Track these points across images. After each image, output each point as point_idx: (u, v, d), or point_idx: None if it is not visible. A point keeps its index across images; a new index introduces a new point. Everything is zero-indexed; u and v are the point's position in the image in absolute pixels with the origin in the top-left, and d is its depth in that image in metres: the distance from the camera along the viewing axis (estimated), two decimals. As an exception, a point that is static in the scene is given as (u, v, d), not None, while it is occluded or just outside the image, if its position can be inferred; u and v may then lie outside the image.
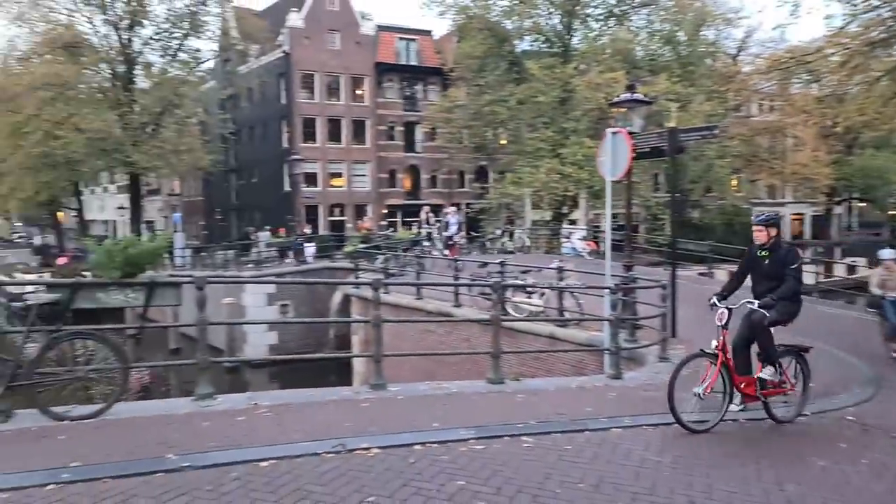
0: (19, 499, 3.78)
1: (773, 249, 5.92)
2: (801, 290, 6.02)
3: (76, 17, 33.79)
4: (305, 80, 42.60)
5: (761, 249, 5.97)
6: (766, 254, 5.93)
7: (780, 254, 5.89)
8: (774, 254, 5.90)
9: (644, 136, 11.25)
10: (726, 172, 37.16)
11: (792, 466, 4.88)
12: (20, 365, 5.32)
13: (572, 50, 33.50)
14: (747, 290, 6.16)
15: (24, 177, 35.69)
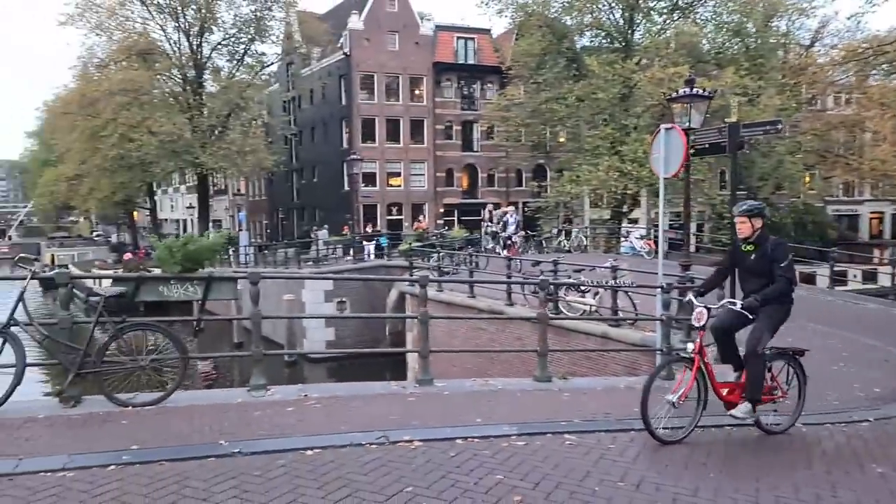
0: (83, 477, 4.02)
1: (759, 243, 5.34)
2: (792, 290, 5.37)
3: (150, 25, 35.46)
4: (365, 81, 43.25)
5: (746, 243, 5.41)
6: (751, 248, 5.37)
7: (766, 248, 5.30)
8: (760, 248, 5.32)
9: (703, 131, 11.00)
10: (798, 169, 35.71)
11: (850, 473, 4.70)
12: (89, 353, 5.65)
13: (634, 45, 32.85)
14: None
15: (102, 178, 37.67)
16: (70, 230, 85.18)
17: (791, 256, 5.31)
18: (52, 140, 47.07)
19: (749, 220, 5.33)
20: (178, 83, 36.56)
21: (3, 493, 3.77)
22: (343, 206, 38.02)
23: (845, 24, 37.22)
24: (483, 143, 45.83)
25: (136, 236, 54.59)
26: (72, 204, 56.81)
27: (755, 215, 5.35)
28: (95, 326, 5.76)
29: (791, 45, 37.84)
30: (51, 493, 3.77)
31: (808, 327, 11.82)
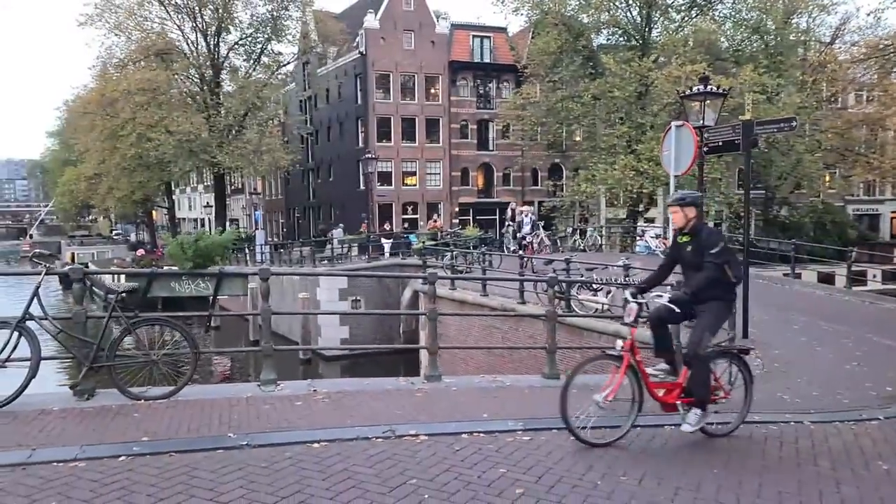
0: (94, 467, 4.12)
1: (694, 234, 5.08)
2: (735, 282, 5.08)
3: (168, 25, 35.80)
4: (381, 80, 43.37)
5: (682, 234, 5.17)
6: (687, 239, 5.12)
7: (700, 238, 5.03)
8: (695, 238, 5.06)
9: (717, 129, 10.93)
10: (818, 168, 35.31)
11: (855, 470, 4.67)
12: (102, 348, 5.76)
13: (651, 43, 32.66)
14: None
15: (121, 177, 38.15)
16: (90, 229, 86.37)
17: (724, 245, 4.99)
18: (73, 139, 47.73)
19: (681, 209, 5.10)
20: (195, 83, 36.90)
21: (17, 481, 3.86)
22: (359, 205, 38.19)
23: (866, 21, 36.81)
24: (499, 143, 45.79)
25: (154, 235, 55.22)
26: (91, 203, 57.61)
27: (688, 204, 5.11)
28: (109, 321, 5.87)
29: (811, 43, 37.40)
30: (63, 483, 3.86)
31: (822, 326, 11.74)
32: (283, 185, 55.50)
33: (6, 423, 5.00)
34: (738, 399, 5.32)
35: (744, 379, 5.34)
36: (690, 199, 5.14)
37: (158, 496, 3.72)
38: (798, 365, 8.76)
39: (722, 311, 5.15)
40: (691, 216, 5.09)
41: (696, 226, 5.11)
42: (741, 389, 5.34)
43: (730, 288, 5.11)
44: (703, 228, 5.13)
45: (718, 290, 5.03)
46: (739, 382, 5.35)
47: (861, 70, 36.09)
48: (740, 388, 5.34)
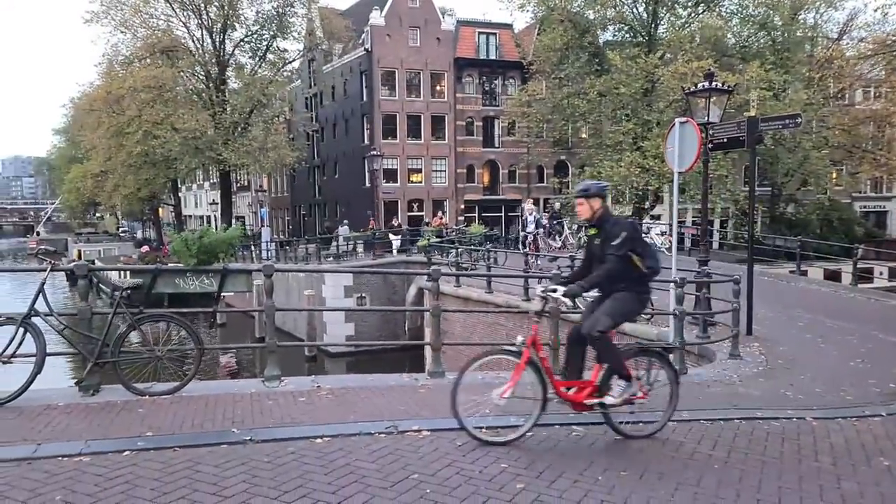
0: (99, 462, 4.15)
1: (600, 225, 4.93)
2: (649, 273, 4.91)
3: (173, 22, 35.88)
4: (386, 77, 43.39)
5: (589, 226, 5.02)
6: (594, 231, 4.98)
7: (605, 229, 4.87)
8: (601, 230, 4.91)
9: (721, 125, 10.91)
10: (824, 164, 35.14)
11: (856, 465, 4.67)
12: (107, 344, 5.81)
13: (657, 39, 32.53)
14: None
15: (127, 174, 38.27)
16: (97, 226, 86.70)
17: (628, 236, 4.77)
18: (79, 137, 47.91)
19: (587, 201, 4.94)
20: (201, 80, 36.98)
21: (22, 476, 3.90)
22: (364, 203, 38.27)
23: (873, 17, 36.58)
24: (504, 140, 45.76)
25: (160, 232, 55.42)
26: (98, 200, 57.81)
27: (592, 195, 4.94)
28: (113, 317, 5.91)
29: (818, 39, 37.20)
30: (67, 477, 3.89)
31: (827, 323, 11.72)
32: (289, 183, 55.61)
33: (12, 419, 5.05)
34: (662, 399, 5.14)
35: (669, 379, 5.16)
36: (595, 189, 4.98)
37: (162, 490, 3.75)
38: (802, 362, 8.75)
39: (629, 301, 4.91)
40: (596, 207, 4.94)
41: (601, 217, 4.95)
42: (666, 389, 5.15)
43: (640, 280, 4.92)
44: (608, 220, 4.96)
45: (626, 282, 4.85)
46: (664, 382, 5.15)
47: (868, 66, 35.92)
48: (665, 388, 5.15)
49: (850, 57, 35.85)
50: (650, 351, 5.22)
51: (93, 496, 3.64)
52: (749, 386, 7.37)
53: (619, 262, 4.76)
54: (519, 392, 4.66)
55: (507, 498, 3.80)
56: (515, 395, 4.64)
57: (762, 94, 26.39)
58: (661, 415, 5.16)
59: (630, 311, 4.98)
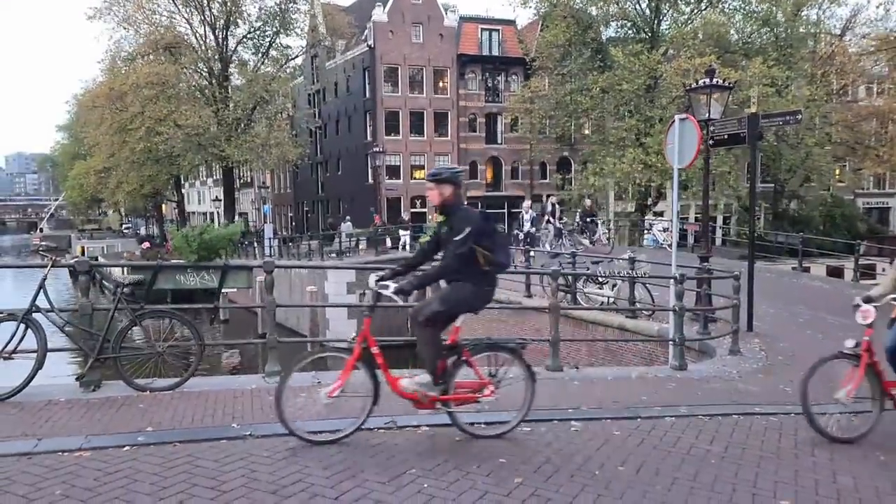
0: (99, 457, 4.18)
1: (449, 213, 4.61)
2: (494, 269, 4.64)
3: (176, 18, 35.95)
4: (389, 73, 43.38)
5: (439, 214, 4.70)
6: (443, 219, 4.66)
7: (453, 220, 4.57)
8: (450, 219, 4.59)
9: (722, 122, 10.91)
10: (827, 161, 35.08)
11: (852, 460, 4.68)
12: (108, 339, 5.83)
13: (660, 35, 32.50)
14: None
15: (130, 171, 38.37)
16: (100, 223, 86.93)
17: (472, 230, 4.46)
18: (82, 133, 48.03)
19: (437, 186, 4.60)
20: (204, 77, 37.04)
21: (22, 470, 3.93)
22: (367, 199, 38.32)
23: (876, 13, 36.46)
24: (507, 136, 45.72)
25: (164, 229, 55.57)
26: (101, 197, 57.97)
27: (443, 181, 4.61)
28: (114, 313, 5.94)
29: (821, 35, 37.08)
30: (67, 472, 3.92)
31: (828, 320, 11.72)
32: (292, 179, 55.66)
33: (13, 414, 5.08)
34: (515, 398, 4.88)
35: (523, 375, 4.88)
36: (447, 175, 4.65)
37: (161, 485, 3.77)
38: (802, 358, 8.73)
39: (467, 292, 4.61)
40: (447, 194, 4.61)
41: (451, 205, 4.63)
42: (521, 386, 4.88)
43: (485, 276, 4.64)
44: (458, 210, 4.63)
45: (468, 275, 4.59)
46: (517, 379, 4.87)
47: (871, 62, 35.86)
48: (520, 384, 4.88)
49: (852, 53, 35.78)
50: (500, 347, 4.94)
51: (92, 490, 3.67)
52: (748, 382, 7.38)
53: (459, 259, 4.50)
54: (350, 390, 4.51)
55: (503, 493, 3.82)
56: (346, 393, 4.49)
57: (765, 91, 26.34)
58: (515, 414, 4.89)
59: (465, 303, 4.63)
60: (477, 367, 4.75)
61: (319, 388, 4.57)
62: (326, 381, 4.67)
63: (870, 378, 5.07)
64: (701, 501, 3.81)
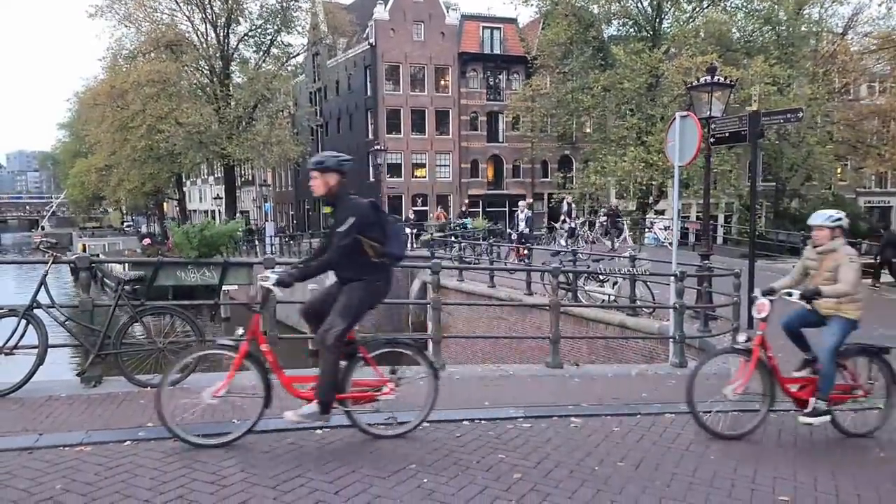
0: (100, 452, 4.20)
1: (335, 204, 4.42)
2: (385, 261, 4.45)
3: (177, 16, 35.92)
4: (390, 71, 43.36)
5: (325, 205, 4.52)
6: (329, 210, 4.47)
7: (339, 211, 4.39)
8: (336, 210, 4.42)
9: (723, 120, 10.91)
10: (829, 159, 35.01)
11: (852, 456, 4.68)
12: (108, 336, 5.84)
13: (662, 34, 32.44)
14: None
15: (131, 168, 38.37)
16: (101, 221, 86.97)
17: (357, 221, 4.30)
18: (83, 131, 48.05)
19: (321, 175, 4.40)
20: (205, 74, 37.01)
21: (23, 465, 3.94)
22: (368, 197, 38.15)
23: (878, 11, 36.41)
24: (508, 134, 45.68)
25: (165, 227, 55.61)
26: (102, 195, 58.00)
27: (328, 170, 4.40)
28: (115, 309, 5.95)
29: (823, 34, 37.01)
30: (68, 466, 3.93)
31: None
32: (293, 177, 55.63)
33: (14, 409, 5.09)
34: (420, 396, 4.76)
35: (426, 372, 4.74)
36: (331, 163, 4.43)
37: (161, 479, 3.78)
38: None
39: (361, 292, 4.41)
40: (332, 183, 4.41)
41: (336, 195, 4.43)
42: (424, 381, 4.75)
43: (375, 267, 4.44)
44: (343, 200, 4.43)
45: (357, 270, 4.42)
46: (421, 378, 4.74)
47: (873, 61, 35.78)
48: (422, 384, 4.76)
49: (854, 52, 35.69)
50: (401, 343, 4.76)
51: (93, 485, 3.68)
52: (749, 379, 7.36)
53: (341, 251, 4.34)
54: (237, 390, 4.37)
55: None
56: (232, 393, 4.34)
57: (766, 90, 26.31)
58: (417, 413, 4.75)
59: (363, 304, 4.45)
60: (375, 366, 4.59)
61: (205, 388, 4.33)
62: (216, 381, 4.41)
63: (761, 373, 5.02)
64: (700, 497, 3.82)
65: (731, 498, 3.84)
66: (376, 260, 4.44)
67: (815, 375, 5.14)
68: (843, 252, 5.08)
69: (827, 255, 5.15)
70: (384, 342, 4.70)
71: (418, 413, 4.76)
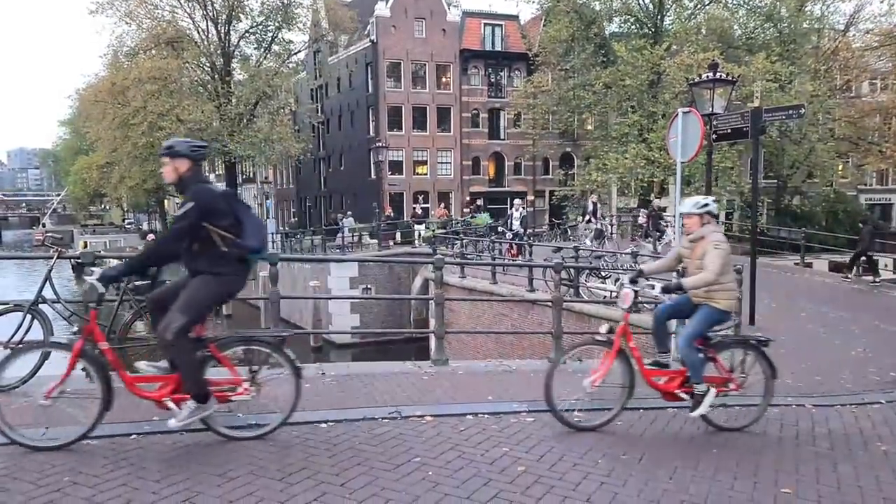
0: (106, 445, 4.23)
1: (185, 191, 4.17)
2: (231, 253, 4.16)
3: (178, 13, 35.82)
4: (392, 68, 43.33)
5: (178, 192, 4.28)
6: (181, 199, 4.21)
7: (184, 197, 4.13)
8: (183, 197, 4.15)
9: (725, 116, 10.92)
10: (830, 157, 35.00)
11: (853, 450, 4.71)
12: (113, 331, 5.87)
13: (663, 31, 32.41)
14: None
15: (132, 166, 38.37)
16: (102, 218, 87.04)
17: (192, 207, 4.02)
18: (84, 128, 48.06)
19: (171, 161, 4.16)
20: (206, 71, 36.96)
21: (29, 458, 3.96)
22: (370, 195, 38.32)
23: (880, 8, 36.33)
24: (510, 132, 45.69)
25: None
26: (103, 192, 58.05)
27: (177, 155, 4.15)
28: (119, 305, 5.98)
29: (825, 30, 36.97)
30: (75, 460, 3.96)
31: (829, 314, 11.75)
32: (295, 175, 55.68)
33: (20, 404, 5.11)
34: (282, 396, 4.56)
35: (286, 373, 4.49)
36: (182, 148, 4.18)
37: (168, 472, 3.81)
38: (803, 351, 8.79)
39: (209, 288, 4.18)
40: (182, 170, 4.17)
41: (185, 182, 4.18)
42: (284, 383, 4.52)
43: (227, 261, 4.18)
44: (191, 186, 4.15)
45: (208, 263, 4.16)
46: (280, 377, 4.54)
47: (875, 58, 35.76)
48: (282, 383, 4.54)
49: (856, 49, 35.65)
50: (257, 340, 4.50)
51: (100, 477, 3.71)
52: (750, 374, 7.40)
53: (174, 236, 4.11)
54: (72, 390, 4.17)
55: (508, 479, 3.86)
56: (66, 394, 4.13)
57: (768, 87, 26.29)
58: (278, 413, 4.54)
59: (209, 299, 4.22)
60: (229, 364, 4.37)
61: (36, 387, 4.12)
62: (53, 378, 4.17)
63: (622, 365, 4.84)
64: (703, 489, 3.85)
65: (733, 490, 3.87)
66: (227, 251, 4.16)
67: (684, 367, 4.95)
68: (709, 239, 4.90)
69: (697, 243, 4.98)
70: (238, 339, 4.48)
71: (279, 413, 4.52)
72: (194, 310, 4.13)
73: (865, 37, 35.88)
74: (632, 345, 4.91)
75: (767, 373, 5.09)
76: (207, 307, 4.27)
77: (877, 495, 3.91)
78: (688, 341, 4.91)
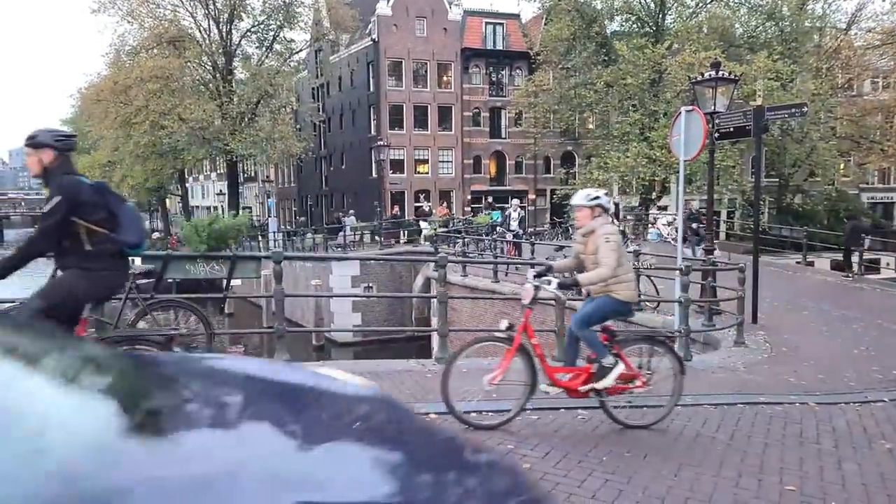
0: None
1: (49, 184, 3.90)
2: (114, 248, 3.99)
3: (180, 12, 35.89)
4: (393, 67, 43.34)
5: (44, 185, 4.00)
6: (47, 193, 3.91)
7: (51, 190, 3.85)
8: (49, 190, 3.88)
9: (728, 115, 10.92)
10: (832, 155, 34.97)
11: (857, 448, 4.72)
12: (118, 328, 5.88)
13: (665, 29, 32.41)
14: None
15: (134, 165, 38.46)
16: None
17: (59, 201, 3.77)
18: (86, 127, 48.07)
19: (34, 152, 3.93)
20: (208, 70, 37.00)
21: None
22: (371, 193, 38.36)
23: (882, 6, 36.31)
24: (511, 130, 45.69)
25: (168, 223, 55.70)
26: (106, 190, 57.96)
27: (40, 146, 3.91)
28: (125, 302, 5.99)
29: (826, 29, 36.92)
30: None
31: (832, 313, 11.76)
32: (296, 173, 55.70)
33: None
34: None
35: None
36: (44, 137, 3.92)
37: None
38: (806, 349, 8.81)
39: (75, 279, 3.93)
40: (47, 161, 3.91)
41: (50, 174, 3.91)
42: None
43: (99, 256, 3.95)
44: (55, 179, 3.89)
45: (78, 259, 3.94)
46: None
47: (876, 56, 35.73)
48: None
49: (858, 47, 35.62)
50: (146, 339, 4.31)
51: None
52: (753, 372, 7.42)
53: (44, 232, 3.85)
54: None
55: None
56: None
57: (770, 85, 26.24)
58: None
59: (76, 291, 3.96)
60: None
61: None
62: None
63: (523, 361, 4.70)
64: (707, 486, 3.86)
65: (738, 487, 3.88)
66: (100, 246, 3.94)
67: (590, 364, 4.82)
68: (600, 232, 4.70)
69: (589, 237, 4.81)
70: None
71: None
72: (52, 299, 3.88)
73: (867, 35, 35.84)
74: (534, 341, 4.79)
75: (676, 369, 4.94)
76: (75, 300, 4.00)
77: (881, 492, 3.92)
78: (580, 323, 4.81)
